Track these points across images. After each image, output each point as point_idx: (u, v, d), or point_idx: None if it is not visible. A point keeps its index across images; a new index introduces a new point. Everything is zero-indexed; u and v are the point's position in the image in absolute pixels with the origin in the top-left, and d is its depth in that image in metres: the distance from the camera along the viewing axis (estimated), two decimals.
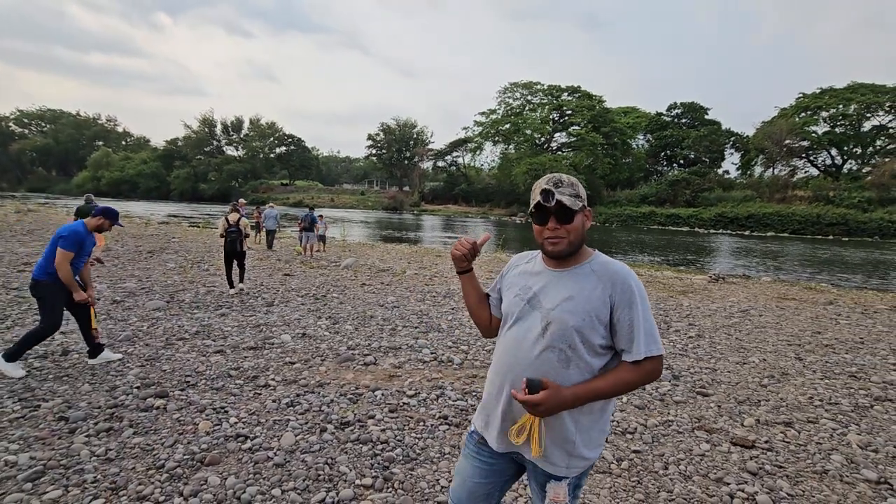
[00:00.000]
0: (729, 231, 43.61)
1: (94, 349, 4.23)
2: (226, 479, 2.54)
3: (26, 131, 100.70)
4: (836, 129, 52.69)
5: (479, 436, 1.50)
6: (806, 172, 55.42)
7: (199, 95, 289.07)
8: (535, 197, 1.36)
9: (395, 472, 2.67)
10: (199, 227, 23.81)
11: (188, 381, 3.90)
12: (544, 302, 1.37)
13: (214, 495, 2.39)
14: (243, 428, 3.12)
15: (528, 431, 1.32)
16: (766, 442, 3.25)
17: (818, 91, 53.58)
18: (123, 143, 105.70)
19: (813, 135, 52.72)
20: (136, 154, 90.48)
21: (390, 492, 2.51)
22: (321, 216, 15.27)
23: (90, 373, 4.01)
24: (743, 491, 2.63)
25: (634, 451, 3.06)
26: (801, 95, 55.69)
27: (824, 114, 52.96)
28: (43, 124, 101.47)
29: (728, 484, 2.71)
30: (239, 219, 8.13)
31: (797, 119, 53.39)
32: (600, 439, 1.40)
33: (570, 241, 1.36)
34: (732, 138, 61.29)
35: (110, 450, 2.77)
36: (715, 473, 2.83)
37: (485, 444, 1.48)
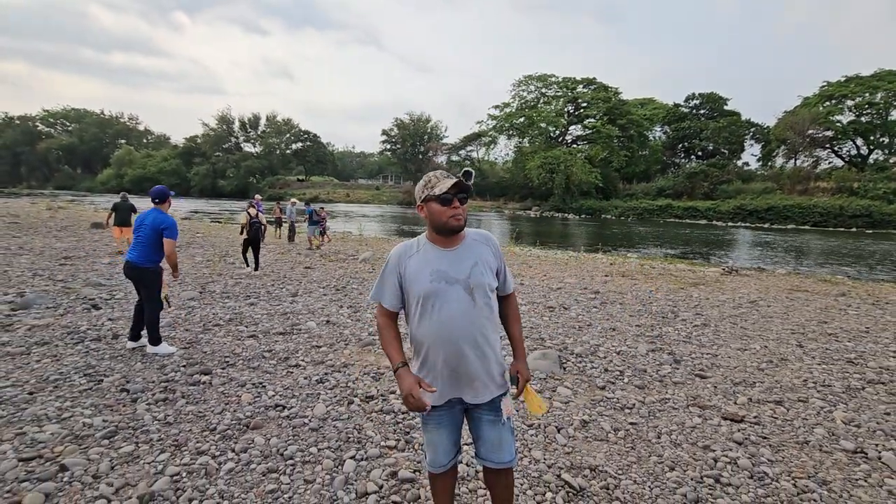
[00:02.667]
0: (748, 224, 42.96)
1: (155, 340, 4.46)
2: (269, 439, 2.94)
3: (52, 130, 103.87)
4: (862, 118, 51.21)
5: (438, 408, 1.78)
6: (829, 163, 54.07)
7: (217, 93, 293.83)
8: (449, 182, 1.67)
9: (415, 437, 3.03)
10: (220, 222, 24.57)
11: (227, 361, 4.33)
12: (458, 275, 1.73)
13: (261, 451, 2.79)
14: (280, 399, 3.52)
15: (533, 399, 1.88)
16: (755, 417, 3.53)
17: (843, 79, 52.11)
18: (145, 140, 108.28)
19: (837, 124, 51.35)
20: (157, 152, 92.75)
21: (412, 451, 2.88)
22: (322, 208, 16.03)
23: (140, 353, 4.47)
24: (727, 456, 2.93)
25: (631, 423, 3.37)
26: (825, 84, 54.23)
27: (850, 102, 51.49)
28: (68, 123, 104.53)
29: (714, 451, 3.00)
30: (258, 213, 9.76)
31: (821, 108, 52.04)
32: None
33: (465, 217, 1.75)
34: (753, 129, 60.05)
35: (168, 415, 3.19)
36: (703, 442, 3.12)
37: (443, 408, 1.79)
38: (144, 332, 4.55)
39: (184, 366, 4.17)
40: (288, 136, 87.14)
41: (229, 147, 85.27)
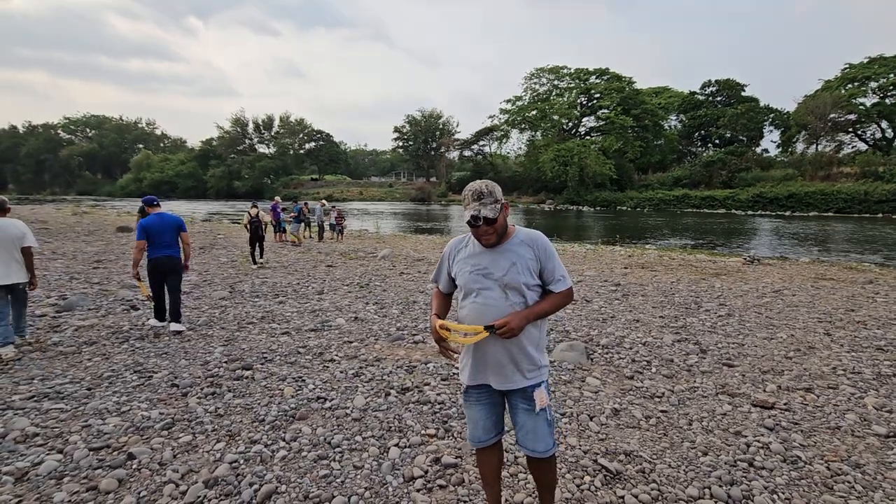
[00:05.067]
0: (768, 212, 42.14)
1: (176, 316, 5.45)
2: (315, 429, 3.10)
3: (73, 137, 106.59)
4: (887, 100, 49.70)
5: (472, 388, 1.97)
6: (853, 147, 52.59)
7: (231, 96, 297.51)
8: (466, 215, 1.83)
9: (453, 425, 3.16)
10: (240, 223, 25.02)
11: (266, 357, 4.52)
12: (496, 273, 1.87)
13: (310, 440, 2.95)
14: (321, 392, 3.68)
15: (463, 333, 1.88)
16: (785, 404, 3.57)
17: (866, 60, 50.56)
18: (162, 144, 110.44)
19: (861, 107, 49.91)
20: (174, 155, 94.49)
21: (451, 439, 3.00)
22: (334, 207, 17.48)
23: (183, 351, 4.68)
24: (759, 441, 3.00)
25: (662, 411, 3.45)
26: (847, 66, 52.68)
27: (873, 84, 49.97)
28: (88, 130, 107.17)
29: (745, 436, 3.07)
30: (258, 213, 11.17)
31: (843, 91, 50.60)
32: (545, 351, 1.99)
33: (498, 234, 1.88)
34: (772, 115, 58.71)
35: (218, 408, 3.38)
36: (734, 428, 3.19)
37: (480, 389, 1.96)
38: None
39: (225, 362, 4.36)
40: (301, 135, 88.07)
41: (244, 149, 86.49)
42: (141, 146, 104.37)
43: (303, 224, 16.35)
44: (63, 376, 3.93)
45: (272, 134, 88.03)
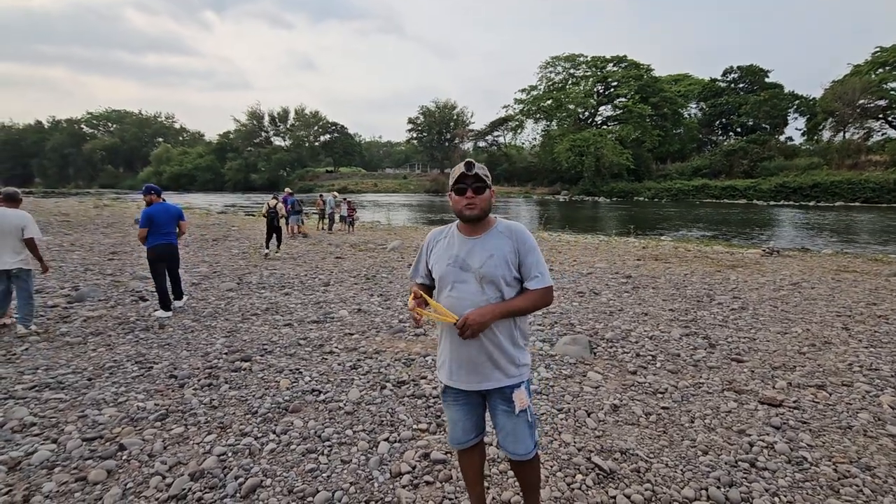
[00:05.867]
0: (791, 202, 40.93)
1: (179, 294, 6.06)
2: (307, 422, 3.08)
3: (96, 132, 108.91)
4: None
5: (451, 388, 1.88)
6: (883, 135, 50.59)
7: (246, 89, 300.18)
8: (458, 171, 1.75)
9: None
10: (254, 216, 25.30)
11: (265, 349, 4.52)
12: (472, 263, 1.77)
13: (300, 434, 2.93)
14: (316, 385, 3.66)
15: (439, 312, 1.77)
16: (794, 402, 3.43)
17: None
18: (180, 138, 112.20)
19: (892, 92, 47.89)
20: (192, 148, 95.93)
21: (443, 434, 2.95)
22: (346, 199, 17.87)
23: (185, 342, 4.72)
24: (763, 441, 2.87)
25: (663, 408, 3.34)
26: (877, 49, 50.51)
27: None
28: (109, 124, 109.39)
29: (749, 435, 2.95)
30: (276, 204, 11.50)
31: (874, 76, 48.60)
32: (526, 349, 1.88)
33: (482, 207, 1.77)
34: (797, 101, 56.77)
35: (213, 399, 3.38)
36: (738, 427, 3.07)
37: (456, 391, 1.87)
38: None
39: (225, 353, 4.38)
40: (316, 128, 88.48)
41: (260, 141, 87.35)
42: (160, 140, 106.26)
43: (301, 216, 16.24)
44: (66, 366, 3.99)
45: (287, 126, 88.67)
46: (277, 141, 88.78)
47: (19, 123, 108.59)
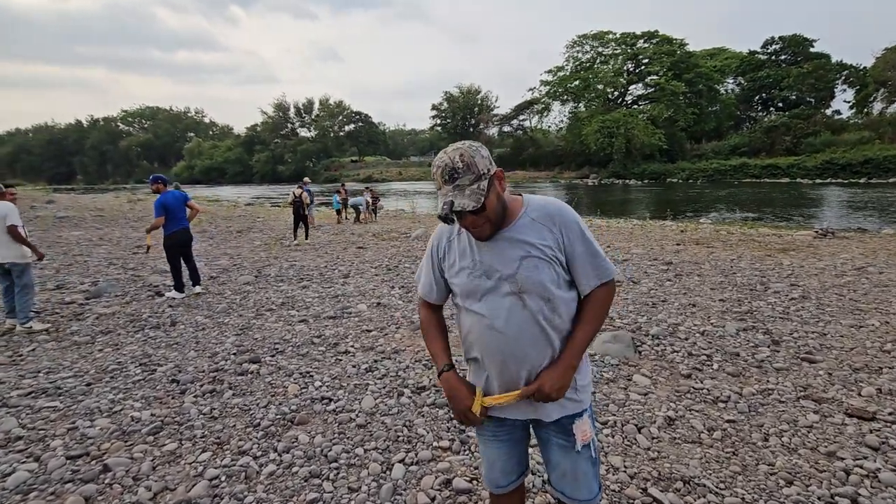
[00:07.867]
0: (840, 180, 38.33)
1: (196, 280, 6.25)
2: (314, 437, 2.72)
3: (131, 129, 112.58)
4: None
5: (492, 419, 1.43)
6: None
7: (271, 82, 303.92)
8: (438, 205, 1.24)
9: (471, 436, 2.69)
10: (280, 206, 25.41)
11: (277, 348, 4.21)
12: (503, 270, 1.30)
13: (304, 452, 2.57)
14: (327, 391, 3.31)
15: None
16: (890, 414, 2.85)
17: None
18: (210, 132, 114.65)
19: None
20: (221, 142, 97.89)
21: (467, 454, 2.54)
22: (368, 188, 18.64)
23: (195, 340, 4.46)
24: (861, 467, 2.34)
25: (728, 421, 2.83)
26: None
27: None
28: (144, 121, 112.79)
29: (843, 459, 2.42)
30: (301, 193, 11.51)
31: None
32: (588, 365, 1.45)
33: (492, 221, 1.28)
34: (845, 72, 52.88)
35: (214, 409, 3.07)
36: (826, 447, 2.53)
37: (500, 422, 1.44)
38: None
39: (234, 353, 4.08)
40: (340, 118, 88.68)
41: (286, 133, 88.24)
42: (192, 134, 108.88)
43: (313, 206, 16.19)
44: (69, 369, 3.77)
45: (312, 117, 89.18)
46: (303, 132, 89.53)
47: (61, 123, 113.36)
